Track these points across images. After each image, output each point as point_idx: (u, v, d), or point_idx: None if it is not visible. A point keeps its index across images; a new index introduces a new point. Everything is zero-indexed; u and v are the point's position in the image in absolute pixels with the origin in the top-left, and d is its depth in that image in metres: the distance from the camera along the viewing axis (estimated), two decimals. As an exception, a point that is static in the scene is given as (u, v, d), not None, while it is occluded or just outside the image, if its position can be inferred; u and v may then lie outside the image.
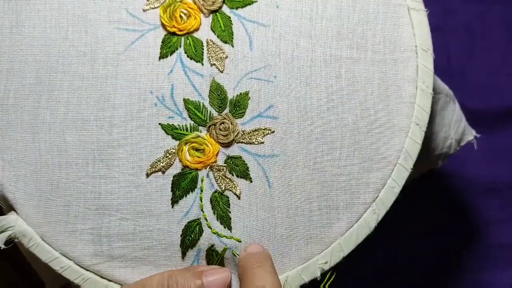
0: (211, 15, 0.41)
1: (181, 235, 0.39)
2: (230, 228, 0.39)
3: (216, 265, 0.39)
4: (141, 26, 0.40)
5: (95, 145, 0.39)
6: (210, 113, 0.40)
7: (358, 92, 0.41)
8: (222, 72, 0.40)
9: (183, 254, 0.39)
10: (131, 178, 0.39)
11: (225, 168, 0.40)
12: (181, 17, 0.40)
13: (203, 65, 0.40)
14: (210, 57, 0.40)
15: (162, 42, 0.40)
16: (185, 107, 0.40)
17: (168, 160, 0.39)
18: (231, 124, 0.40)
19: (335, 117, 0.41)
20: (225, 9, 0.41)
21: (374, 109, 0.41)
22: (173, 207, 0.39)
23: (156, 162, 0.39)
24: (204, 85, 0.40)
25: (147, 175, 0.39)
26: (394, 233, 0.61)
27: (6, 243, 0.38)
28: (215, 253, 0.39)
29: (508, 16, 0.67)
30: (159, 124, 0.40)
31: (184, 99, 0.40)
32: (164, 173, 0.39)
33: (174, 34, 0.40)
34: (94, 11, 0.40)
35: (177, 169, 0.39)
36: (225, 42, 0.40)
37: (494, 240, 0.63)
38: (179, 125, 0.40)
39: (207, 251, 0.39)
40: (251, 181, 0.40)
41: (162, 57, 0.40)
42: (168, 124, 0.40)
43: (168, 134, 0.40)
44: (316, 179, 0.40)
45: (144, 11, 0.40)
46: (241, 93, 0.40)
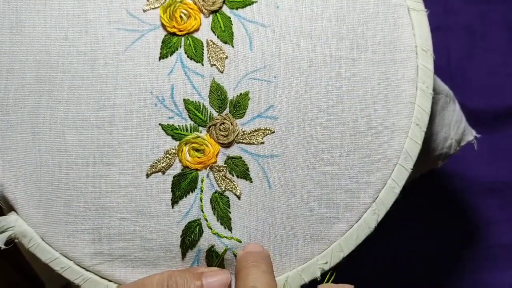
0: (211, 16, 0.41)
1: (181, 236, 0.39)
2: (230, 228, 0.39)
3: (216, 266, 0.39)
4: (141, 26, 0.40)
5: (95, 145, 0.39)
6: (210, 114, 0.40)
7: (358, 92, 0.41)
8: (222, 72, 0.40)
9: (183, 254, 0.39)
10: (131, 178, 0.39)
11: (225, 168, 0.40)
12: (181, 17, 0.40)
13: (203, 65, 0.40)
14: (210, 58, 0.40)
15: (162, 42, 0.40)
16: (185, 108, 0.40)
17: (168, 160, 0.39)
18: (231, 124, 0.40)
19: (335, 117, 0.41)
20: (225, 10, 0.41)
21: (374, 109, 0.41)
22: (173, 207, 0.39)
23: (156, 162, 0.39)
24: (204, 85, 0.40)
25: (147, 176, 0.39)
26: (394, 233, 0.61)
27: (6, 243, 0.38)
28: (215, 254, 0.39)
29: (508, 16, 0.67)
30: (159, 124, 0.40)
31: (184, 100, 0.40)
32: (164, 173, 0.39)
33: (174, 34, 0.40)
34: (94, 11, 0.40)
35: (177, 169, 0.39)
36: (225, 42, 0.40)
37: (494, 240, 0.63)
38: (179, 125, 0.40)
39: (207, 251, 0.39)
40: (251, 182, 0.40)
41: (162, 57, 0.40)
42: (168, 124, 0.40)
43: (168, 134, 0.40)
44: (316, 179, 0.40)
45: (144, 11, 0.40)
46: (241, 94, 0.40)
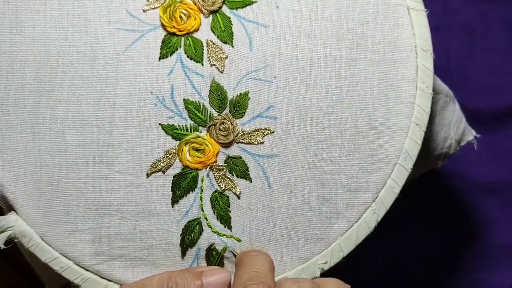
0: (211, 16, 0.41)
1: (181, 235, 0.39)
2: (230, 227, 0.39)
3: (216, 264, 0.39)
4: (141, 26, 0.40)
5: (95, 145, 0.39)
6: (210, 113, 0.40)
7: (358, 92, 0.41)
8: (222, 72, 0.40)
9: (183, 253, 0.39)
10: (131, 178, 0.39)
11: (225, 168, 0.40)
12: (181, 17, 0.40)
13: (203, 65, 0.40)
14: (210, 58, 0.40)
15: (162, 42, 0.40)
16: (185, 107, 0.40)
17: (168, 160, 0.39)
18: (231, 124, 0.40)
19: (334, 117, 0.41)
20: (225, 10, 0.41)
21: (374, 109, 0.41)
22: (173, 206, 0.39)
23: (156, 162, 0.39)
24: (204, 85, 0.40)
25: (147, 175, 0.39)
26: (394, 233, 0.61)
27: (6, 243, 0.38)
28: (215, 252, 0.39)
29: (508, 16, 0.67)
30: (159, 124, 0.40)
31: (184, 100, 0.40)
32: (164, 173, 0.39)
33: (174, 34, 0.40)
34: (94, 11, 0.40)
35: (177, 169, 0.39)
36: (225, 42, 0.40)
37: (494, 240, 0.63)
38: (179, 125, 0.40)
39: (206, 250, 0.39)
40: (251, 181, 0.40)
41: (162, 57, 0.40)
42: (168, 124, 0.40)
43: (168, 134, 0.40)
44: (315, 179, 0.40)
45: (144, 11, 0.40)
46: (241, 93, 0.40)
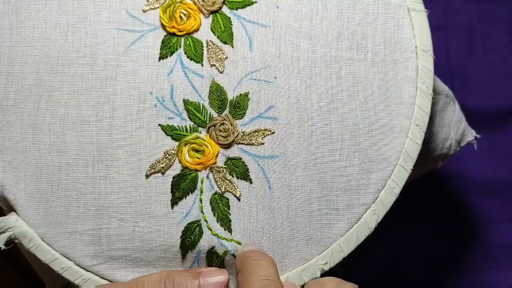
0: (211, 16, 0.41)
1: (181, 237, 0.39)
2: (230, 230, 0.39)
3: (216, 266, 0.39)
4: (140, 26, 0.40)
5: (95, 146, 0.39)
6: (210, 114, 0.40)
7: (358, 93, 0.41)
8: (222, 73, 0.40)
9: (183, 255, 0.39)
10: (131, 179, 0.39)
11: (225, 169, 0.40)
12: (181, 17, 0.40)
13: (203, 66, 0.40)
14: (210, 58, 0.40)
15: (161, 42, 0.40)
16: (184, 108, 0.40)
17: (167, 161, 0.39)
18: (231, 125, 0.40)
19: (335, 118, 0.40)
20: (225, 10, 0.41)
21: (374, 110, 0.41)
22: (172, 208, 0.39)
23: (155, 163, 0.39)
24: (204, 86, 0.40)
25: (147, 176, 0.39)
26: (394, 233, 0.61)
27: (6, 244, 0.38)
28: (215, 255, 0.39)
29: (508, 16, 0.67)
30: (159, 125, 0.40)
31: (184, 100, 0.40)
32: (163, 174, 0.39)
33: (174, 34, 0.40)
34: (94, 11, 0.40)
35: (176, 170, 0.39)
36: (225, 43, 0.40)
37: (494, 240, 0.63)
38: (178, 126, 0.40)
39: (207, 253, 0.39)
40: (251, 183, 0.40)
41: (161, 57, 0.40)
42: (167, 125, 0.40)
43: (167, 135, 0.40)
44: (316, 180, 0.40)
45: (144, 11, 0.40)
46: (241, 94, 0.40)
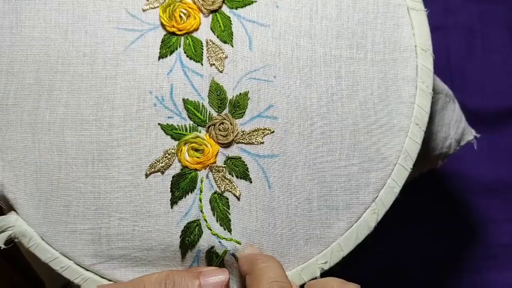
0: (211, 15, 0.41)
1: (181, 236, 0.39)
2: (229, 230, 0.39)
3: (216, 266, 0.39)
4: (140, 26, 0.40)
5: (95, 145, 0.39)
6: (209, 113, 0.40)
7: (358, 92, 0.41)
8: (221, 72, 0.40)
9: (183, 255, 0.39)
10: (130, 178, 0.39)
11: (224, 169, 0.40)
12: (180, 17, 0.40)
13: (202, 65, 0.40)
14: (209, 57, 0.40)
15: (161, 42, 0.40)
16: (184, 107, 0.40)
17: (167, 160, 0.39)
18: (231, 124, 0.40)
19: (335, 117, 0.40)
20: (225, 9, 0.41)
21: (374, 109, 0.41)
22: (172, 207, 0.39)
23: (155, 162, 0.39)
24: (203, 85, 0.40)
25: (146, 175, 0.39)
26: (393, 233, 0.61)
27: (6, 243, 0.38)
28: (215, 255, 0.39)
29: (508, 16, 0.67)
30: (158, 124, 0.40)
31: (183, 99, 0.40)
32: (163, 173, 0.39)
33: (173, 34, 0.40)
34: (93, 11, 0.40)
35: (176, 169, 0.39)
36: (225, 42, 0.40)
37: (494, 240, 0.63)
38: (178, 125, 0.40)
39: (206, 252, 0.39)
40: (251, 182, 0.40)
41: (161, 57, 0.40)
42: (167, 124, 0.40)
43: (167, 134, 0.40)
44: (316, 179, 0.40)
45: (143, 11, 0.40)
46: (240, 93, 0.40)
